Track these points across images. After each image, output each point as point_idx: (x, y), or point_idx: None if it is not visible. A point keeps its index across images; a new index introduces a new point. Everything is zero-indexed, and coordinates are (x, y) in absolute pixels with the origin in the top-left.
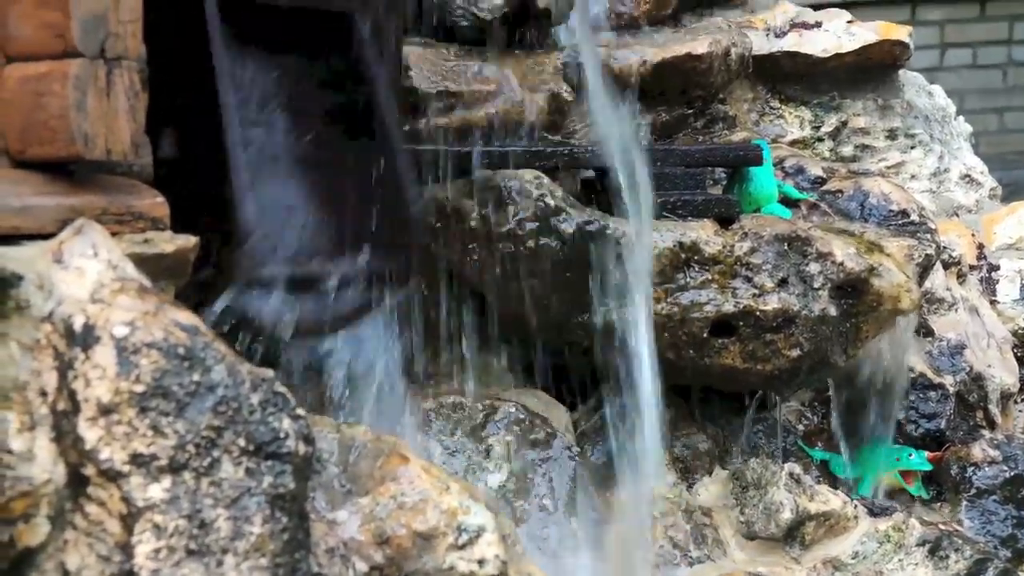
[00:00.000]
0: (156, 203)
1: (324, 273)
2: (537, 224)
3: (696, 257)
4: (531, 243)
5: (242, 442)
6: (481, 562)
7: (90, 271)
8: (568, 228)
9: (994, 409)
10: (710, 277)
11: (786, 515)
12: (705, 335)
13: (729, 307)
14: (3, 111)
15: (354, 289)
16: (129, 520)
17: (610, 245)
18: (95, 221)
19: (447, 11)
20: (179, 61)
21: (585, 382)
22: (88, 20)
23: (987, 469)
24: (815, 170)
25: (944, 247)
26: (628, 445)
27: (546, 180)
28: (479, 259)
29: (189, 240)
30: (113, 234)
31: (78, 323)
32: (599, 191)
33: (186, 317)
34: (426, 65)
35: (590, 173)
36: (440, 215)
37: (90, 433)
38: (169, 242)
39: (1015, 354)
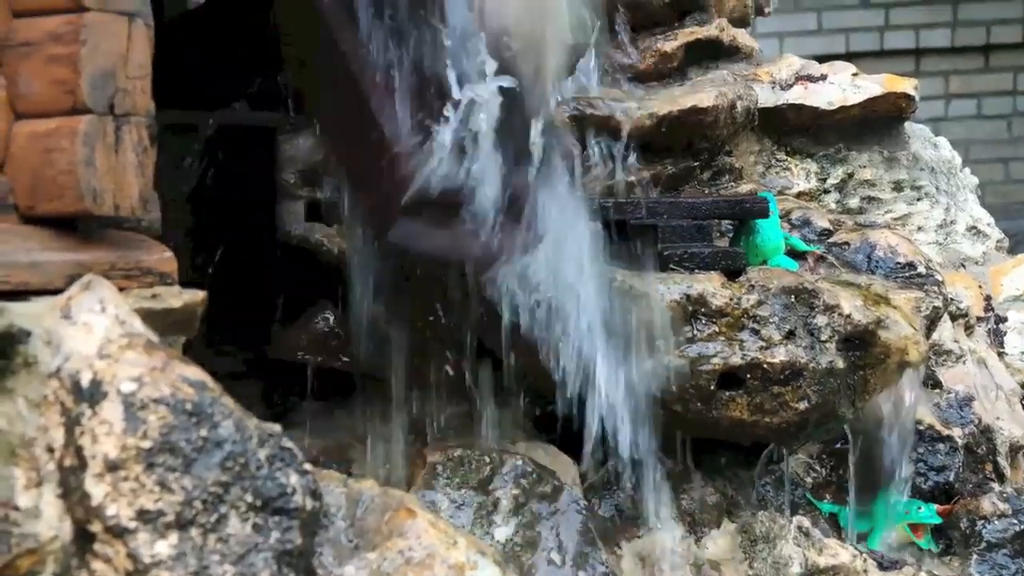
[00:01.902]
0: (164, 258)
1: None
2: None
3: (703, 309)
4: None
5: (249, 497)
6: None
7: (98, 327)
8: None
9: (1003, 462)
10: (717, 330)
11: (795, 569)
12: (712, 388)
13: (736, 360)
14: (12, 167)
15: None
16: None
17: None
18: (103, 276)
19: None
20: None
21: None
22: (97, 76)
23: (997, 523)
24: (821, 222)
25: (951, 299)
26: (633, 498)
27: None
28: (487, 313)
29: (196, 295)
30: (121, 289)
31: (85, 379)
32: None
33: (194, 372)
34: None
35: None
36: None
37: (97, 489)
38: (177, 297)
39: (1023, 406)
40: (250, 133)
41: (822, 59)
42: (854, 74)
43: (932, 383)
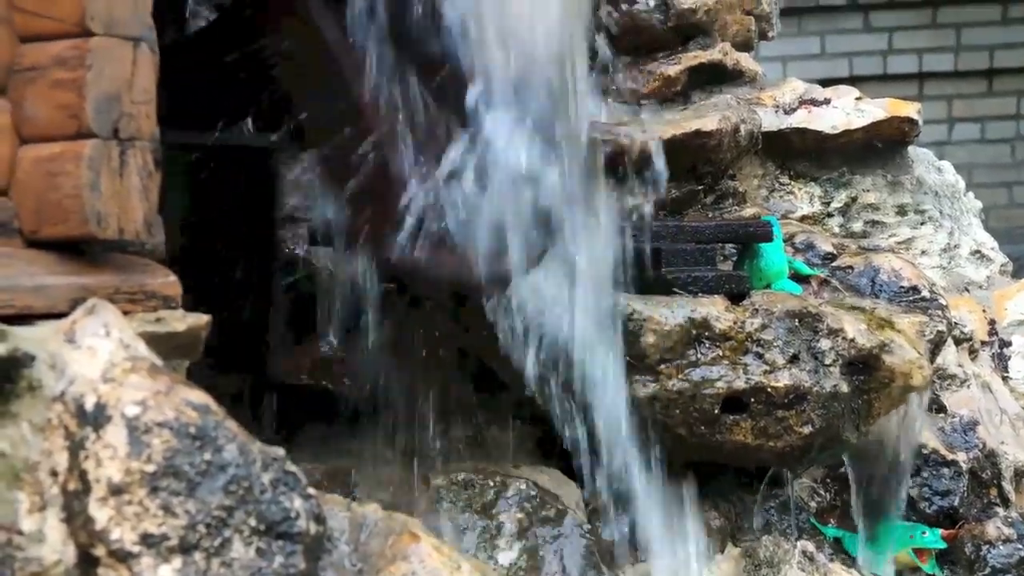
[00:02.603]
0: (168, 282)
1: None
2: None
3: (707, 333)
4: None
5: (253, 522)
6: None
7: (102, 350)
8: None
9: (1008, 486)
10: (721, 353)
11: None
12: (716, 412)
13: (740, 384)
14: (17, 191)
15: None
16: None
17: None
18: (107, 300)
19: None
20: None
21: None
22: (102, 101)
23: (1002, 547)
24: (825, 246)
25: (956, 323)
26: (636, 522)
27: None
28: (491, 335)
29: (201, 318)
30: (125, 313)
31: (89, 403)
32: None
33: (197, 396)
34: None
35: None
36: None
37: (100, 513)
38: (181, 321)
39: None
40: (248, 154)
41: (826, 83)
42: (858, 98)
43: (936, 407)
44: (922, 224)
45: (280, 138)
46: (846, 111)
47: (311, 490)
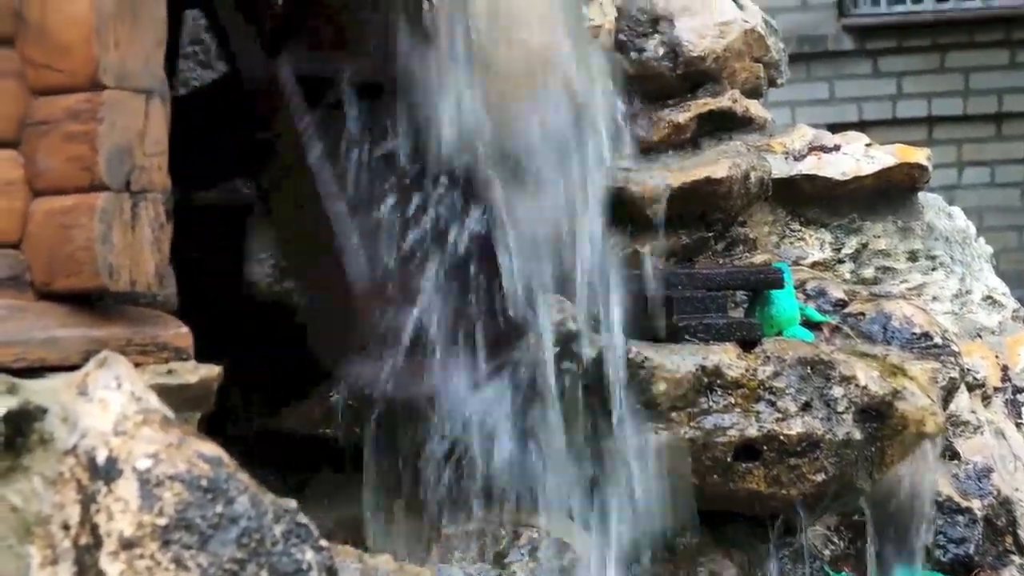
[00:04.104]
0: (180, 333)
1: None
2: (559, 348)
3: (719, 381)
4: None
5: (265, 574)
6: None
7: (114, 403)
8: (589, 353)
9: (1023, 534)
10: (733, 401)
11: None
12: (729, 459)
13: (753, 431)
14: (30, 244)
15: None
16: None
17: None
18: (119, 352)
19: None
20: None
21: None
22: (114, 153)
23: None
24: (836, 292)
25: (968, 370)
26: (650, 571)
27: (568, 304)
28: None
29: (212, 370)
30: (137, 365)
31: (101, 456)
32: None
33: (209, 448)
34: None
35: None
36: None
37: (112, 567)
38: (193, 372)
39: None
40: (221, 213)
41: (835, 128)
42: (867, 144)
43: (950, 454)
44: (933, 270)
45: (254, 197)
46: (856, 157)
47: (323, 542)
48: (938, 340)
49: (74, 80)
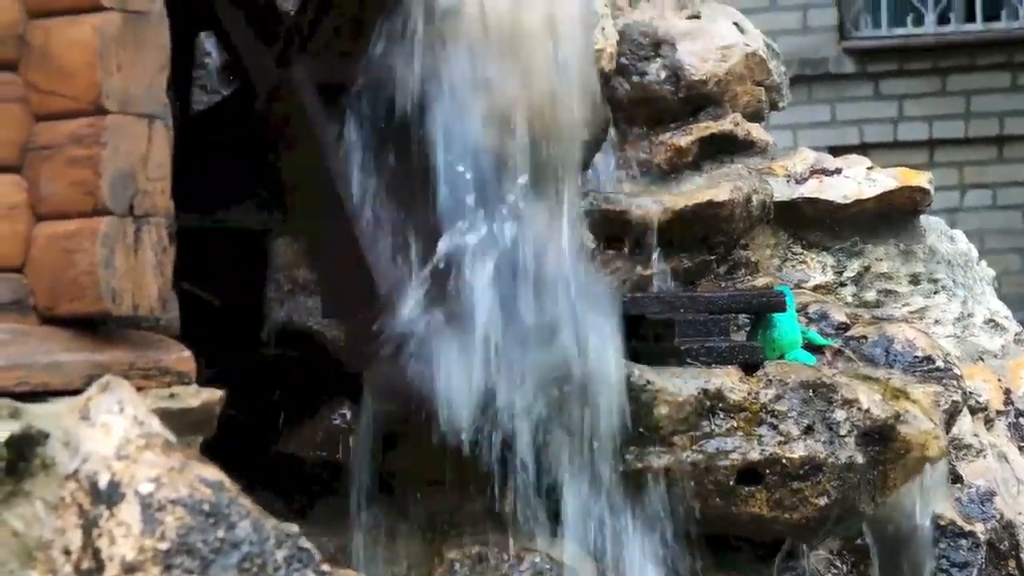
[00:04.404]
0: (182, 357)
1: None
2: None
3: (721, 404)
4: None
5: None
6: None
7: (116, 427)
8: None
9: None
10: (735, 424)
11: None
12: (731, 483)
13: (755, 455)
14: (33, 269)
15: None
16: None
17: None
18: (122, 376)
19: None
20: None
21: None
22: (118, 178)
23: None
24: (839, 316)
25: (970, 393)
26: None
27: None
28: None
29: (215, 394)
30: (139, 389)
31: (103, 480)
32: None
33: (211, 473)
34: None
35: None
36: None
37: None
38: (195, 396)
39: None
40: (239, 236)
41: (836, 150)
42: (869, 168)
43: (953, 477)
44: (935, 293)
45: (273, 219)
46: (857, 181)
47: (325, 566)
48: (940, 363)
49: (77, 105)
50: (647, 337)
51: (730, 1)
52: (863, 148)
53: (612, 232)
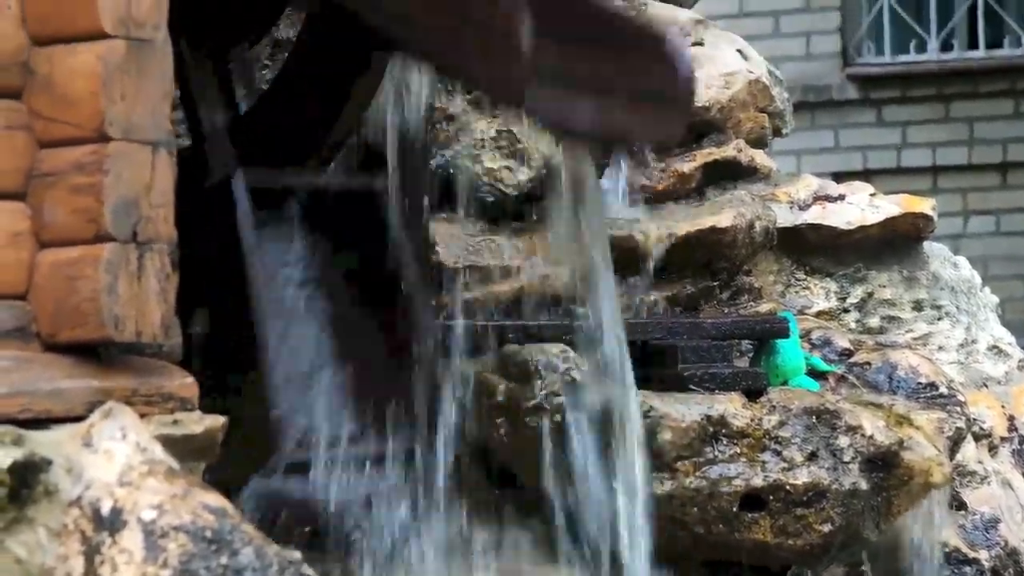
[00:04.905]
0: (185, 384)
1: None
2: (563, 398)
3: (724, 430)
4: (557, 417)
5: None
6: None
7: (119, 454)
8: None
9: None
10: (739, 451)
11: None
12: (735, 510)
13: (758, 481)
14: (36, 296)
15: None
16: None
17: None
18: (125, 403)
19: (473, 187)
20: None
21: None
22: (120, 205)
23: None
24: (842, 342)
25: (974, 419)
26: None
27: (572, 354)
28: (506, 433)
29: (217, 420)
30: (142, 415)
31: (106, 507)
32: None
33: (214, 499)
34: (452, 240)
35: None
36: (466, 389)
37: None
38: (198, 423)
39: None
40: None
41: (839, 176)
42: (872, 194)
43: (956, 504)
44: (939, 320)
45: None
46: (861, 207)
47: None
48: (944, 390)
49: (81, 132)
50: (650, 363)
51: (733, 28)
52: (867, 174)
53: (615, 257)
